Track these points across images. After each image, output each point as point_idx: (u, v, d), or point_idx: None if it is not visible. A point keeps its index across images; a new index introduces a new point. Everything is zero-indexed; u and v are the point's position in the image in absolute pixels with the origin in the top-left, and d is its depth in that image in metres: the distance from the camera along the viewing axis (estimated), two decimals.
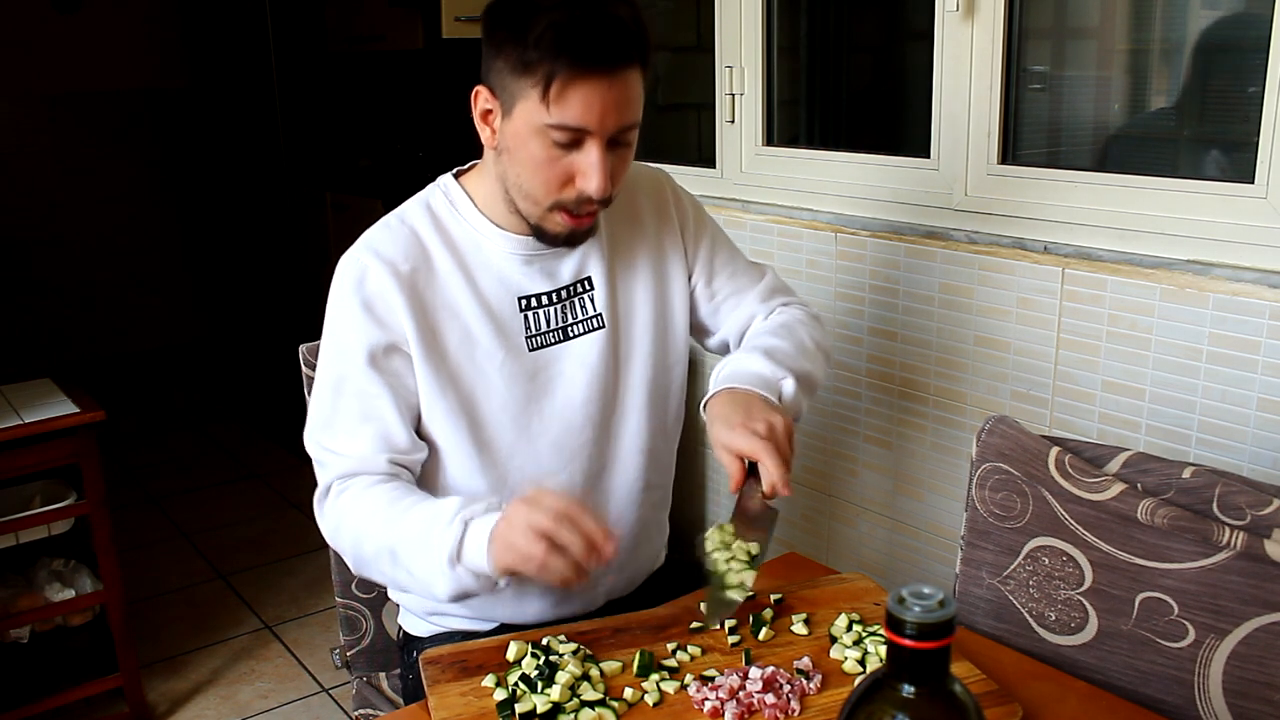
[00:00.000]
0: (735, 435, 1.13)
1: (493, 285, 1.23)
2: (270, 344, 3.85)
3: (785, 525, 2.22)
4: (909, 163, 1.87)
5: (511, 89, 1.11)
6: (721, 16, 2.16)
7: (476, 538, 1.05)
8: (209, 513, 3.42)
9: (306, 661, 2.57)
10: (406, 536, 1.09)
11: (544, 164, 1.13)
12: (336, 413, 1.19)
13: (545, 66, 1.07)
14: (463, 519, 1.06)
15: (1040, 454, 1.21)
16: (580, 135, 1.11)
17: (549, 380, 1.26)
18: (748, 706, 0.98)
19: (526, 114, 1.11)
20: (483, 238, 1.23)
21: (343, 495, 1.16)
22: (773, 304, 1.39)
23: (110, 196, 4.53)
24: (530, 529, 1.00)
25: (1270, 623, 1.05)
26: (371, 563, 1.16)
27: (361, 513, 1.14)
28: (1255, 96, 1.43)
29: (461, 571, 1.06)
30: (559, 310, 1.26)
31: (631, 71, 1.11)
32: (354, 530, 1.15)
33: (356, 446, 1.17)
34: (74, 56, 4.31)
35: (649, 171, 1.39)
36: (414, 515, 1.10)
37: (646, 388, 1.32)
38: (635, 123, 1.14)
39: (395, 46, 3.29)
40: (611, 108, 1.10)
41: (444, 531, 1.06)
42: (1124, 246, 1.57)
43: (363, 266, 1.19)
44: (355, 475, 1.17)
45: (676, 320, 1.36)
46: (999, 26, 1.69)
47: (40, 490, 2.22)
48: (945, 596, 0.64)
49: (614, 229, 1.31)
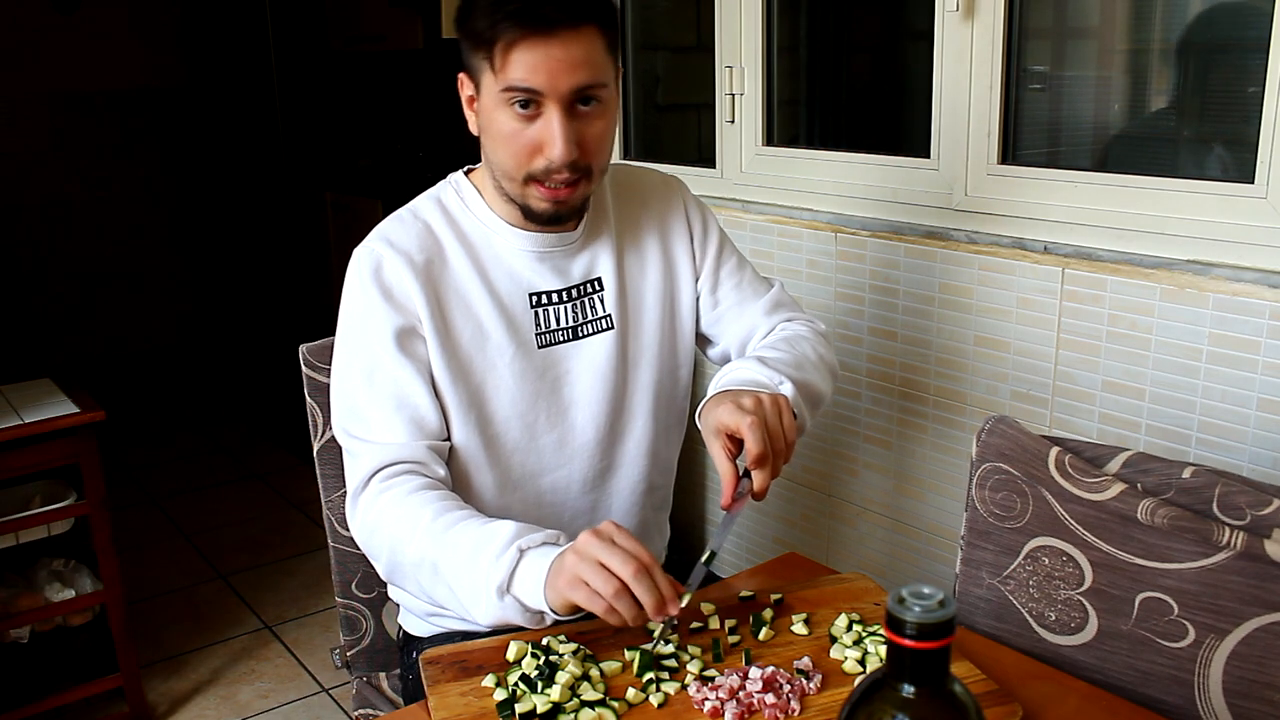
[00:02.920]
0: (720, 411, 1.10)
1: (504, 280, 1.23)
2: (271, 344, 3.86)
3: (785, 525, 2.22)
4: (909, 163, 1.87)
5: (475, 67, 1.14)
6: (721, 16, 2.16)
7: (532, 571, 1.01)
8: (209, 513, 3.42)
9: (306, 661, 2.57)
10: (452, 554, 1.05)
11: (510, 136, 1.13)
12: (369, 402, 1.17)
13: (489, 33, 1.09)
14: (518, 548, 1.02)
15: (1040, 454, 1.21)
16: (536, 99, 1.11)
17: (557, 379, 1.26)
18: (748, 706, 0.98)
19: (488, 88, 1.13)
20: (493, 233, 1.24)
21: (384, 495, 1.12)
22: (777, 318, 1.37)
23: (110, 196, 4.54)
24: (601, 567, 0.96)
25: (1270, 623, 1.05)
26: (409, 572, 1.11)
27: (405, 517, 1.10)
28: (1255, 96, 1.43)
29: (510, 602, 1.02)
30: (569, 309, 1.26)
31: (583, 30, 1.10)
32: (393, 534, 1.11)
33: (392, 434, 1.15)
34: (74, 56, 4.31)
35: (663, 177, 1.39)
36: (464, 533, 1.06)
37: (653, 390, 1.32)
38: (595, 83, 1.12)
39: (395, 46, 3.30)
40: (562, 69, 1.09)
41: (497, 558, 1.02)
42: (1124, 246, 1.57)
43: (378, 256, 1.19)
44: (396, 468, 1.14)
45: (684, 325, 1.35)
46: (999, 26, 1.69)
47: (40, 490, 2.22)
48: (945, 596, 0.64)
49: (623, 230, 1.31)
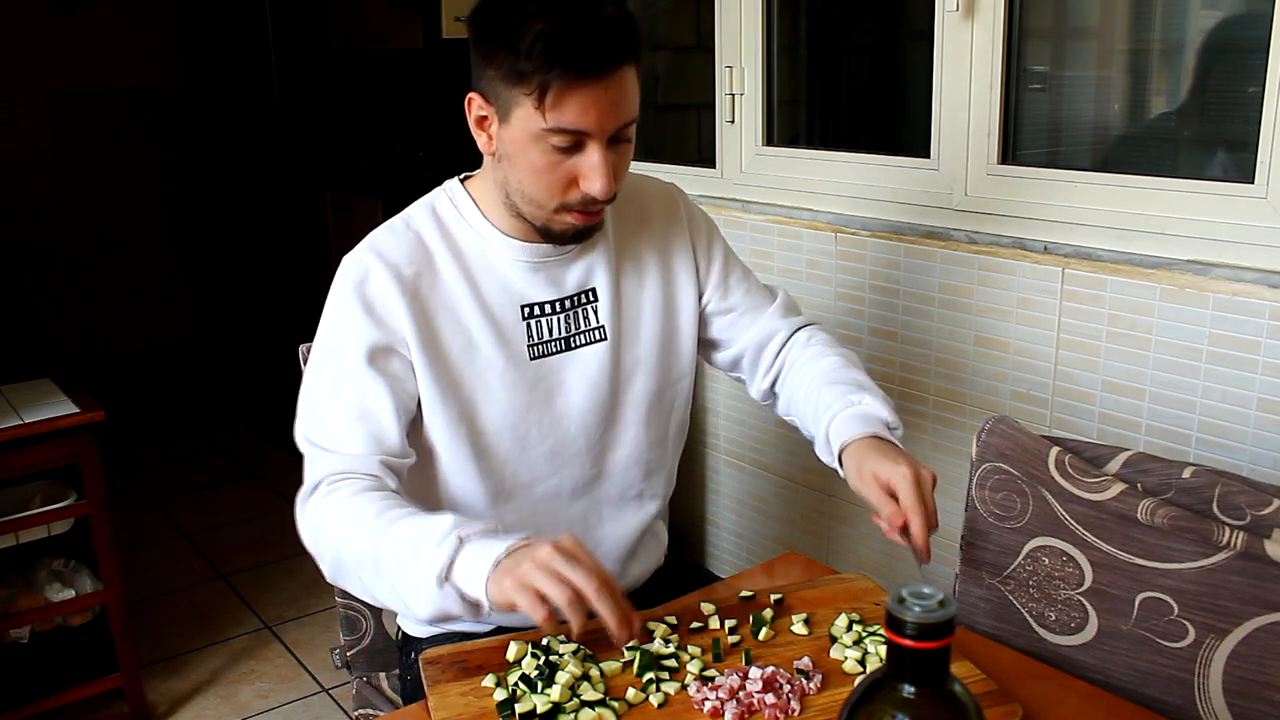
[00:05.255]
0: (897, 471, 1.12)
1: (496, 292, 1.22)
2: (270, 344, 3.85)
3: (785, 525, 2.22)
4: (909, 163, 1.87)
5: (506, 97, 1.10)
6: (721, 16, 2.16)
7: (473, 561, 0.99)
8: (209, 513, 3.42)
9: (306, 661, 2.57)
10: (393, 547, 1.04)
11: (545, 169, 1.12)
12: (332, 411, 1.16)
13: (539, 77, 1.06)
14: (457, 536, 1.00)
15: (1040, 454, 1.21)
16: (579, 138, 1.10)
17: (549, 390, 1.25)
18: (748, 706, 0.98)
19: (524, 121, 1.10)
20: (487, 244, 1.23)
21: (329, 497, 1.11)
22: (793, 321, 1.39)
23: (110, 196, 4.54)
24: (559, 579, 0.94)
25: (1270, 623, 1.05)
26: (351, 570, 1.09)
27: (347, 516, 1.09)
28: (1255, 96, 1.42)
29: (449, 591, 0.99)
30: (563, 320, 1.25)
31: (626, 70, 1.10)
32: (336, 534, 1.10)
33: (349, 444, 1.14)
34: (74, 56, 4.31)
35: (660, 184, 1.38)
36: (404, 526, 1.04)
37: (646, 401, 1.32)
38: (633, 119, 1.14)
39: (395, 46, 3.30)
40: (608, 109, 1.09)
41: (436, 547, 1.00)
42: (1124, 246, 1.57)
43: (366, 268, 1.18)
44: (345, 476, 1.13)
45: (683, 335, 1.35)
46: (999, 26, 1.69)
47: (40, 490, 2.22)
48: (945, 596, 0.64)
49: (621, 240, 1.31)
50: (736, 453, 2.29)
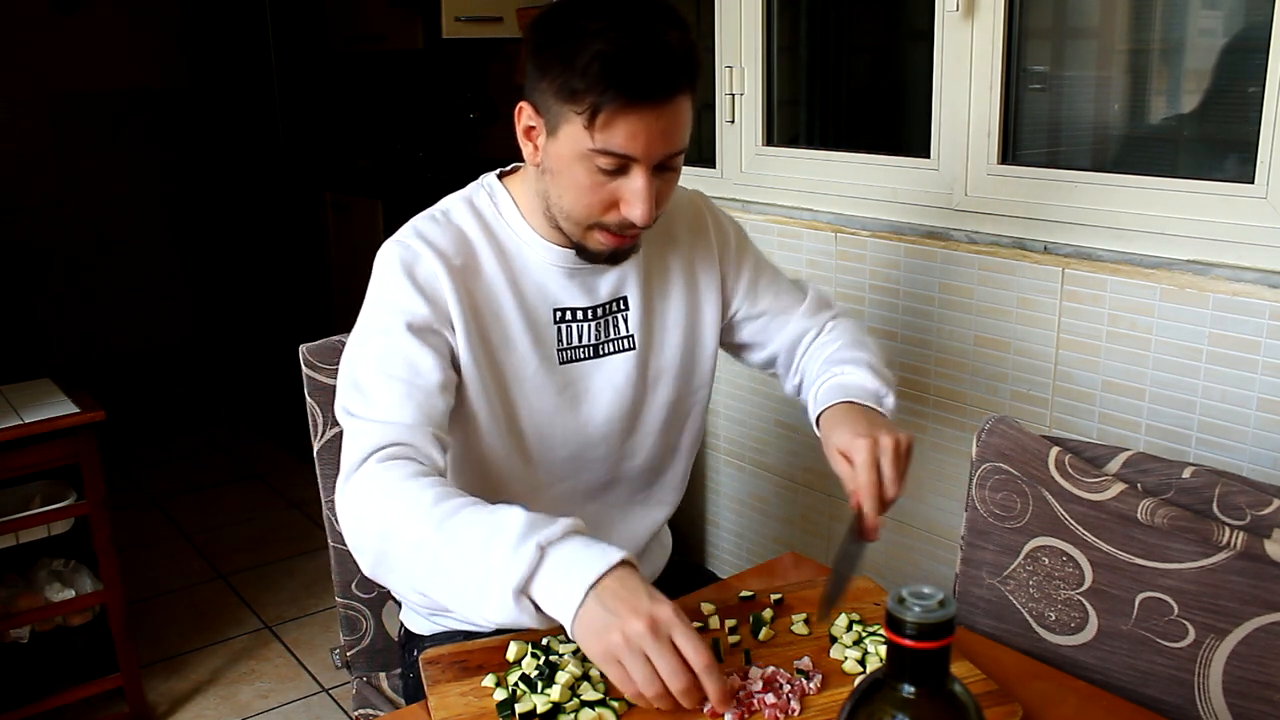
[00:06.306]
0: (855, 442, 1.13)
1: (532, 292, 1.21)
2: (270, 344, 3.86)
3: (785, 525, 2.22)
4: (909, 163, 1.87)
5: (556, 111, 1.09)
6: (721, 16, 2.16)
7: (558, 583, 0.92)
8: (209, 513, 3.42)
9: (306, 661, 2.57)
10: (458, 543, 0.96)
11: (588, 189, 1.11)
12: (379, 382, 1.11)
13: (592, 97, 1.04)
14: (537, 545, 0.93)
15: (1040, 454, 1.21)
16: (626, 162, 1.09)
17: (575, 395, 1.25)
18: (748, 706, 0.98)
19: (571, 138, 1.08)
20: (525, 244, 1.22)
21: (379, 477, 1.03)
22: (822, 318, 1.38)
23: (110, 196, 4.53)
24: (647, 662, 0.90)
25: (1270, 623, 1.05)
26: (400, 563, 1.00)
27: (401, 501, 1.00)
28: (1255, 96, 1.43)
29: (526, 605, 0.92)
30: (593, 327, 1.25)
31: (681, 100, 1.09)
32: (385, 519, 1.00)
33: (400, 414, 1.08)
34: (74, 56, 4.31)
35: (685, 192, 1.36)
36: (469, 519, 0.97)
37: (666, 410, 1.32)
38: (682, 149, 1.12)
39: (395, 46, 3.30)
40: (658, 137, 1.07)
41: (513, 553, 0.92)
42: (1124, 246, 1.57)
43: (415, 252, 1.16)
44: (396, 449, 1.06)
45: (705, 345, 1.34)
46: (999, 26, 1.69)
47: (40, 490, 2.22)
48: (945, 596, 0.64)
49: (650, 250, 1.30)
50: (736, 453, 2.29)
